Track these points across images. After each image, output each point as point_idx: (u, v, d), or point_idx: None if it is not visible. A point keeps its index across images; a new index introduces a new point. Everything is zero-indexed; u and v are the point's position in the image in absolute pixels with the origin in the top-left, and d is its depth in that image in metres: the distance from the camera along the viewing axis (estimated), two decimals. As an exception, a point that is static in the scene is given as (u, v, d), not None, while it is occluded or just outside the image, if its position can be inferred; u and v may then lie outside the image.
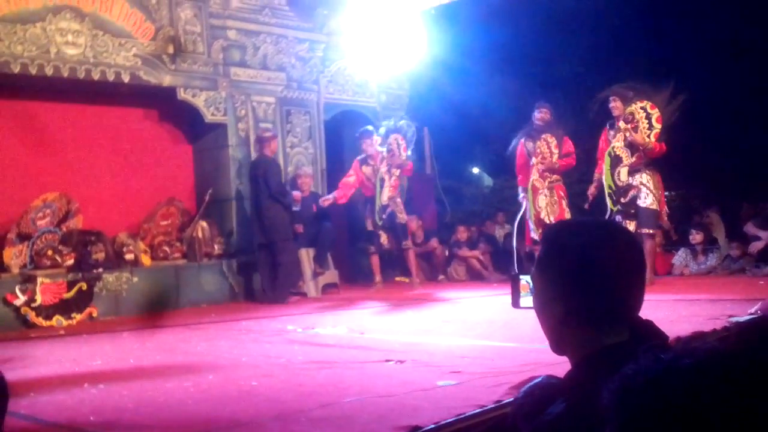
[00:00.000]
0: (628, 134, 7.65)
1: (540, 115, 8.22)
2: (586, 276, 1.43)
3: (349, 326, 5.88)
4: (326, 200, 8.74)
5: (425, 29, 9.82)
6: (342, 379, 3.86)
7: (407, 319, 6.34)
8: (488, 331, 5.25)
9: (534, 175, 8.17)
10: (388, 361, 4.19)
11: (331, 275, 9.12)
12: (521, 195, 8.47)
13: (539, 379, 1.71)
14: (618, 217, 7.49)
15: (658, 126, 7.62)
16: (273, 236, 8.20)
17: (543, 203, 8.09)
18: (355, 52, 10.20)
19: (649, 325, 1.47)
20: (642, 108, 7.68)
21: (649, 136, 7.60)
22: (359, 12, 9.97)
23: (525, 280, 1.67)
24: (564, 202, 8.16)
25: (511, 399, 2.61)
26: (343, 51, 10.12)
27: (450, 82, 12.05)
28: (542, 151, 8.15)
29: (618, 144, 7.73)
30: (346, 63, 10.18)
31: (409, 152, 9.00)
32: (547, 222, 7.93)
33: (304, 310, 7.43)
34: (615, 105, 7.75)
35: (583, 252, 1.46)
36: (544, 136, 8.16)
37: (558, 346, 1.49)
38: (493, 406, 2.89)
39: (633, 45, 12.46)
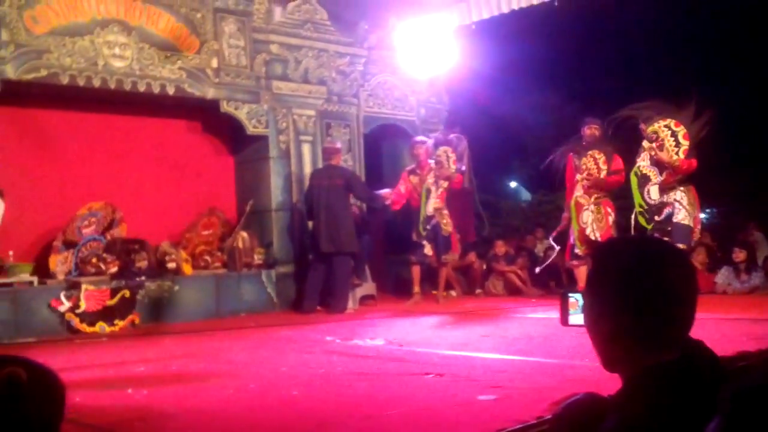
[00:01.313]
0: (653, 153, 7.64)
1: (589, 131, 8.15)
2: (636, 293, 1.44)
3: (387, 338, 5.90)
4: (386, 197, 8.78)
5: (465, 44, 9.85)
6: (381, 391, 3.87)
7: (445, 332, 6.33)
8: (528, 346, 5.22)
9: (578, 191, 8.09)
10: (427, 374, 4.19)
11: (369, 287, 9.15)
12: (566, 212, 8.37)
13: (579, 396, 1.71)
14: (655, 235, 7.41)
15: (685, 143, 7.58)
16: (344, 247, 8.22)
17: (588, 219, 8.00)
18: (396, 67, 10.30)
19: (699, 345, 1.47)
20: (666, 126, 7.66)
21: (677, 153, 7.57)
22: (400, 27, 10.06)
23: (574, 297, 1.68)
24: (610, 219, 8.06)
25: (551, 416, 2.61)
26: (384, 65, 10.22)
27: (489, 96, 12.05)
28: (588, 167, 8.07)
29: (643, 163, 7.76)
30: (386, 77, 10.26)
31: (463, 166, 8.99)
32: (593, 238, 7.87)
33: (343, 321, 7.46)
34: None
35: (634, 269, 1.46)
36: (590, 152, 8.07)
37: (609, 364, 1.49)
38: (534, 422, 2.88)
39: (675, 60, 12.33)
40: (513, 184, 20.25)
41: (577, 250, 8.05)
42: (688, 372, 1.39)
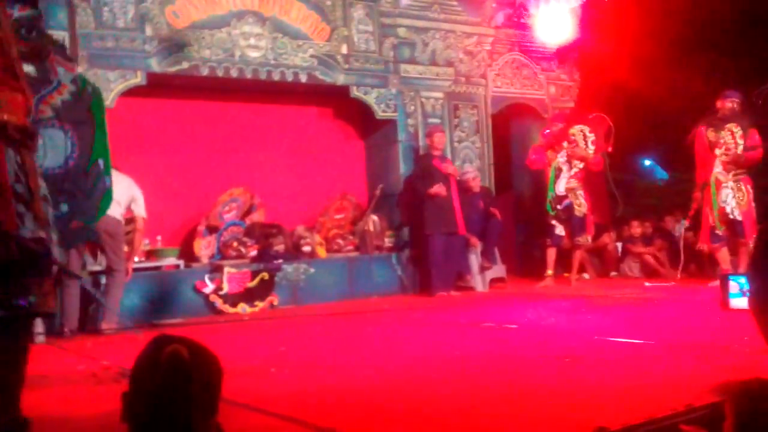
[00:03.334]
0: None
1: (728, 104, 7.73)
2: None
3: (520, 322, 5.83)
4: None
5: (596, 18, 9.53)
6: (518, 375, 3.84)
7: (581, 316, 6.18)
8: (670, 330, 5.02)
9: (717, 168, 7.68)
10: (564, 358, 4.12)
11: (499, 270, 9.09)
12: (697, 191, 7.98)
13: (751, 381, 1.62)
14: None
15: None
16: (423, 229, 8.31)
17: (728, 198, 7.60)
18: (524, 44, 10.11)
19: None
20: None
21: None
22: (528, 3, 9.84)
23: (736, 280, 1.60)
24: (750, 196, 7.63)
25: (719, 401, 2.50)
26: (512, 43, 10.06)
27: (622, 70, 11.58)
28: (726, 142, 7.66)
29: None
30: (515, 55, 10.09)
31: (609, 148, 8.77)
32: (732, 218, 7.50)
33: (473, 304, 7.45)
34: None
35: None
36: (728, 125, 7.66)
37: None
38: (684, 409, 2.76)
39: None
40: (647, 162, 19.43)
41: (718, 231, 7.66)
42: None
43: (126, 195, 6.58)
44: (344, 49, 8.56)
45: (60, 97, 5.72)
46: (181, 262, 7.65)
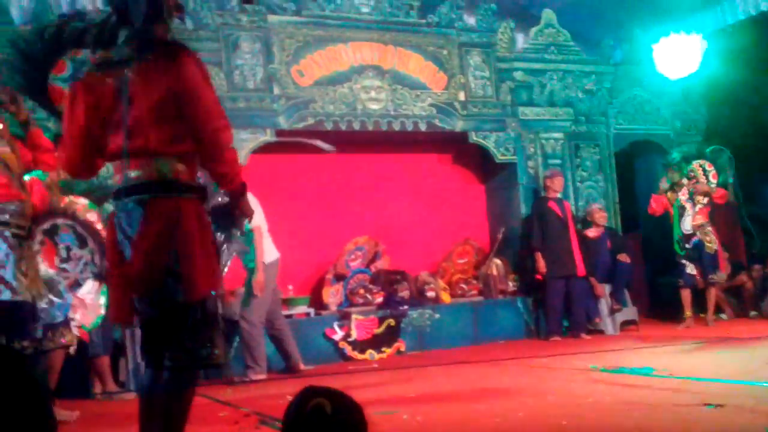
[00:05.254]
0: None
1: None
2: None
3: (655, 365, 5.65)
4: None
5: (722, 48, 9.24)
6: (656, 422, 3.73)
7: (721, 359, 5.92)
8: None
9: None
10: (705, 404, 3.97)
11: (630, 311, 8.83)
12: None
13: None
14: None
15: None
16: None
17: None
18: (645, 80, 9.91)
19: None
20: None
21: None
22: (647, 38, 9.67)
23: None
24: None
25: None
26: (632, 79, 9.90)
27: (753, 101, 11.12)
28: None
29: None
30: (636, 91, 9.92)
31: (730, 179, 8.52)
32: None
33: (604, 347, 7.26)
34: None
35: None
36: None
37: None
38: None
39: None
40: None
41: None
42: None
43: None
44: (462, 96, 8.70)
45: None
46: (312, 310, 7.90)
